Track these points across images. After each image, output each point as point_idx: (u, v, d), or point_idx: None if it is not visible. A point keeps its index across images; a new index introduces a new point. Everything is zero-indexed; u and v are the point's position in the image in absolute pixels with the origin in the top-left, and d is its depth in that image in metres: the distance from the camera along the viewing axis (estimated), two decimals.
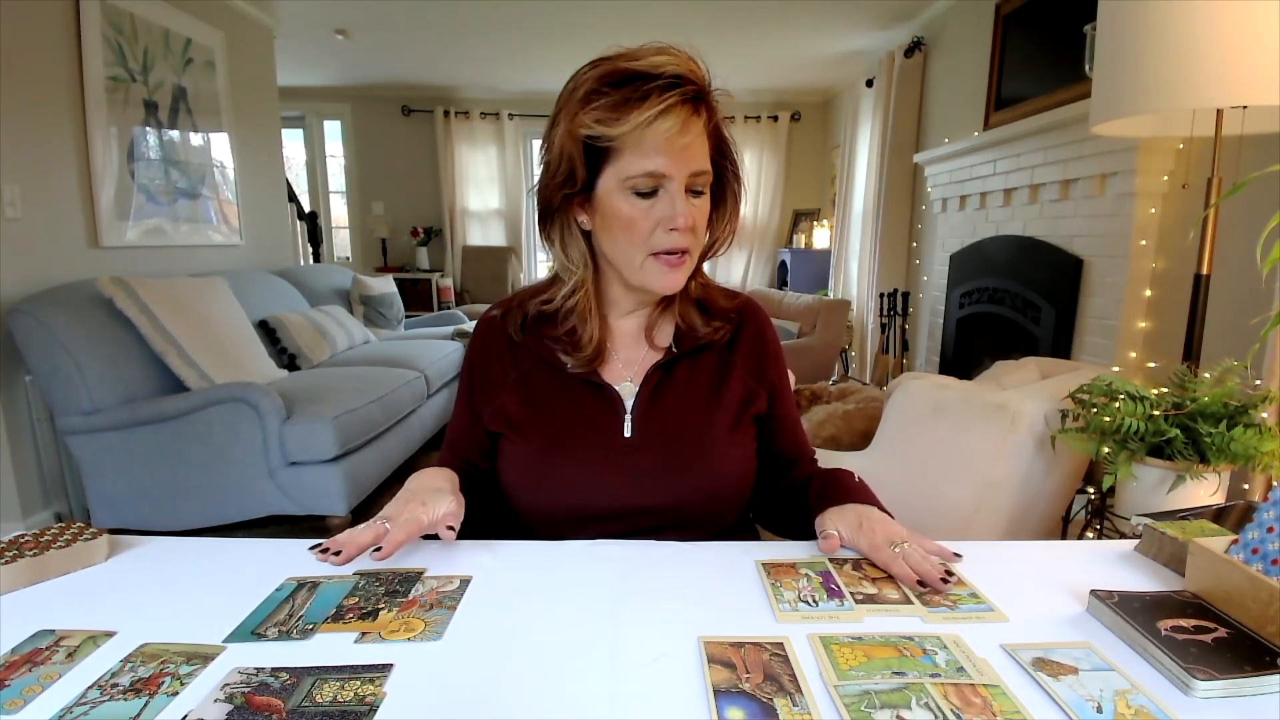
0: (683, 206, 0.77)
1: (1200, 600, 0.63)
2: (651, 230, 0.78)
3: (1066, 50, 2.64)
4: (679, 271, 0.81)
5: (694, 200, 0.79)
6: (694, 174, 0.78)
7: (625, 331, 0.91)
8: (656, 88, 0.73)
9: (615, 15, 3.97)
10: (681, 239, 0.79)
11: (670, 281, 0.81)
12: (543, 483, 0.84)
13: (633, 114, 0.72)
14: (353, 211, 6.34)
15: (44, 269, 2.45)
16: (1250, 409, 1.34)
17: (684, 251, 0.80)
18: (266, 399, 2.26)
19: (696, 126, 0.76)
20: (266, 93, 3.99)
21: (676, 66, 0.74)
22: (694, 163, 0.77)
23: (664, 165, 0.75)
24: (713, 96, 0.79)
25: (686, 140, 0.75)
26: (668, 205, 0.77)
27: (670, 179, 0.76)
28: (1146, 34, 1.35)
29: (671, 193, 0.77)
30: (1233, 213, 1.80)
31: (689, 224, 0.78)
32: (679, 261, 0.80)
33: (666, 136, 0.73)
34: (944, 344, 3.64)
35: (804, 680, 0.53)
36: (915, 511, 1.68)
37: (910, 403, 1.77)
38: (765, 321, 0.94)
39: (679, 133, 0.74)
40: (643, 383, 0.87)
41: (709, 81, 0.78)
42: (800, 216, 6.25)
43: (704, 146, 0.79)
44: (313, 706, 0.50)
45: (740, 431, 0.88)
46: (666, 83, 0.73)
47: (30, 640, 0.59)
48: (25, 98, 2.39)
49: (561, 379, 0.87)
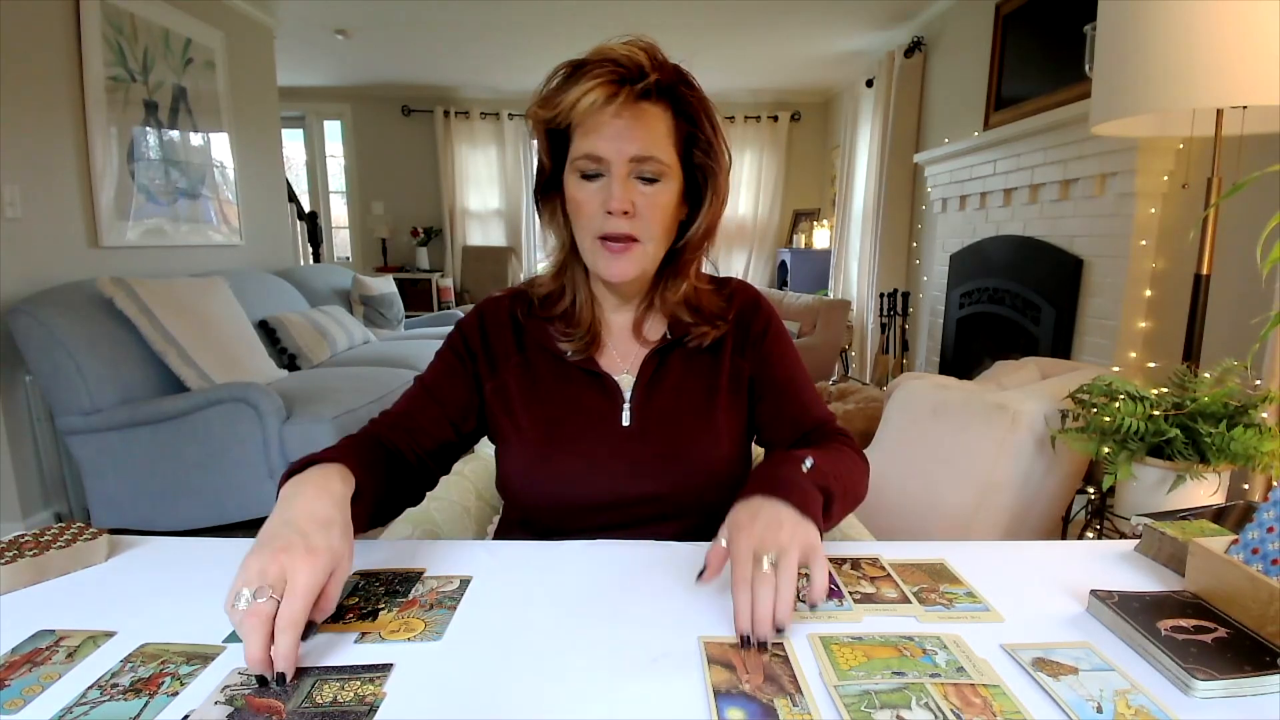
0: (619, 190, 0.77)
1: (1200, 600, 0.63)
2: (595, 214, 0.78)
3: (1066, 50, 2.64)
4: (623, 259, 0.80)
5: (643, 187, 0.78)
6: (635, 159, 0.77)
7: (618, 325, 0.91)
8: (589, 69, 0.74)
9: (615, 15, 3.97)
10: (619, 224, 0.78)
11: (614, 269, 0.80)
12: (543, 472, 0.84)
13: (564, 94, 0.74)
14: (353, 211, 6.34)
15: (44, 269, 2.45)
16: (1250, 409, 1.34)
17: (627, 238, 0.79)
18: (266, 399, 2.26)
19: (640, 110, 0.76)
20: (266, 93, 3.99)
21: (616, 52, 0.75)
22: (635, 147, 0.76)
23: (601, 147, 0.76)
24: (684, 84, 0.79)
25: (623, 121, 0.75)
26: (607, 188, 0.77)
27: (609, 162, 0.77)
28: (1146, 34, 1.35)
29: (612, 176, 0.77)
30: (1233, 213, 1.80)
31: (623, 207, 0.77)
32: (621, 249, 0.79)
33: (596, 112, 0.75)
34: (944, 344, 3.64)
35: (804, 681, 0.53)
36: (915, 511, 1.69)
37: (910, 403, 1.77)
38: (756, 294, 0.93)
39: (603, 109, 0.74)
40: (639, 372, 0.87)
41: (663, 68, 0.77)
42: (800, 216, 6.25)
43: (655, 133, 0.77)
44: (313, 707, 0.50)
45: (735, 411, 0.88)
46: (598, 63, 0.75)
47: (30, 640, 0.59)
48: (25, 98, 2.39)
49: (562, 368, 0.87)
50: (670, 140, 0.79)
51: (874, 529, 0.99)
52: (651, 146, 0.77)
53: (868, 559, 0.75)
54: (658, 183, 0.79)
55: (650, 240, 0.80)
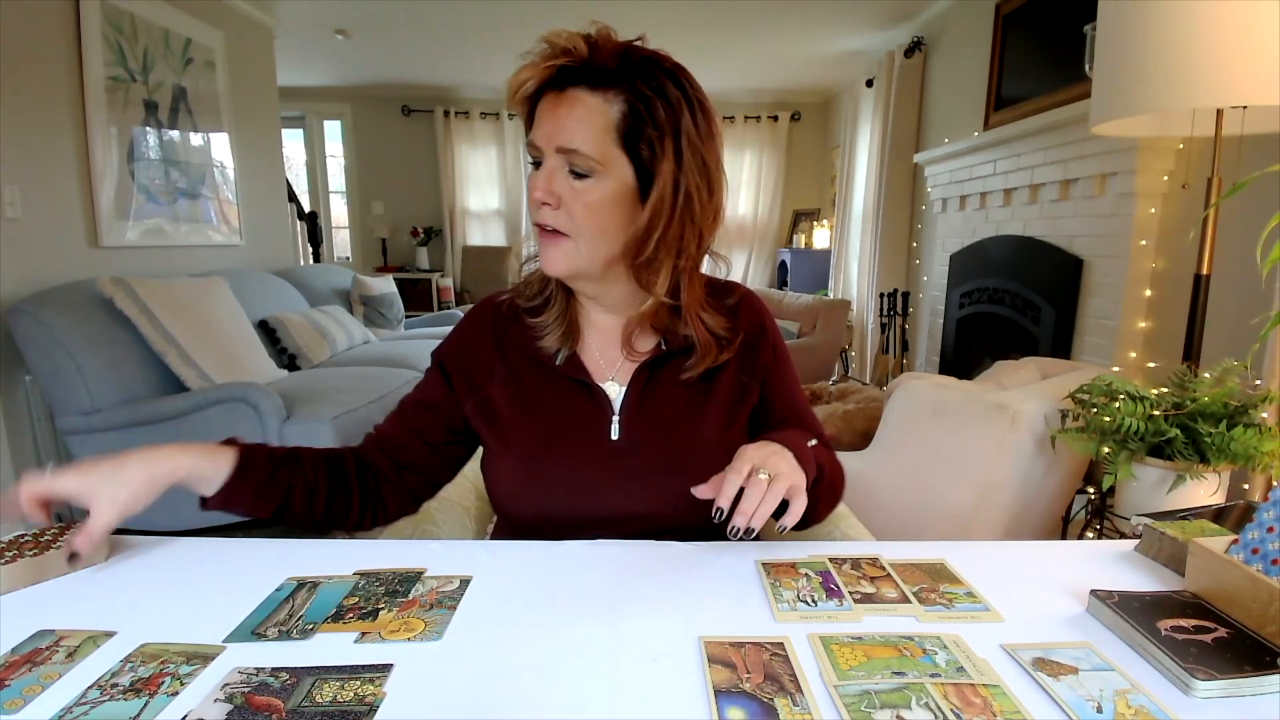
0: (541, 180, 0.75)
1: (1200, 600, 0.63)
2: (532, 202, 0.78)
3: (1066, 50, 2.64)
4: (551, 250, 0.77)
5: (573, 180, 0.75)
6: (561, 149, 0.74)
7: (602, 326, 0.87)
8: (531, 55, 0.75)
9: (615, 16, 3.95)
10: (542, 214, 0.76)
11: (544, 260, 0.79)
12: (530, 489, 0.82)
13: (512, 80, 0.75)
14: (353, 211, 6.34)
15: (44, 269, 2.45)
16: (1250, 409, 1.35)
17: (554, 231, 0.76)
18: (266, 399, 2.25)
19: (574, 100, 0.74)
20: (266, 93, 3.99)
21: (556, 36, 0.75)
22: (560, 138, 0.73)
23: (535, 135, 0.76)
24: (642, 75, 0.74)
25: (555, 111, 0.74)
26: (536, 176, 0.77)
27: (541, 151, 0.76)
28: (1146, 34, 1.35)
29: (544, 166, 0.76)
30: (1233, 213, 1.80)
31: (542, 198, 0.75)
32: (549, 239, 0.77)
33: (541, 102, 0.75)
34: (944, 344, 3.64)
35: (804, 680, 0.53)
36: (915, 511, 1.69)
37: (910, 403, 1.77)
38: (762, 311, 0.90)
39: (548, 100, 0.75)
40: (630, 383, 0.85)
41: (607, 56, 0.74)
42: (800, 216, 6.25)
43: (586, 125, 0.73)
44: (313, 706, 0.50)
45: (734, 432, 0.86)
46: (540, 50, 0.75)
47: (30, 640, 0.59)
48: (25, 98, 2.39)
49: (549, 376, 0.85)
50: (610, 134, 0.74)
51: (874, 529, 1.00)
52: (578, 139, 0.73)
53: (868, 559, 0.75)
54: (587, 178, 0.75)
55: (580, 237, 0.76)
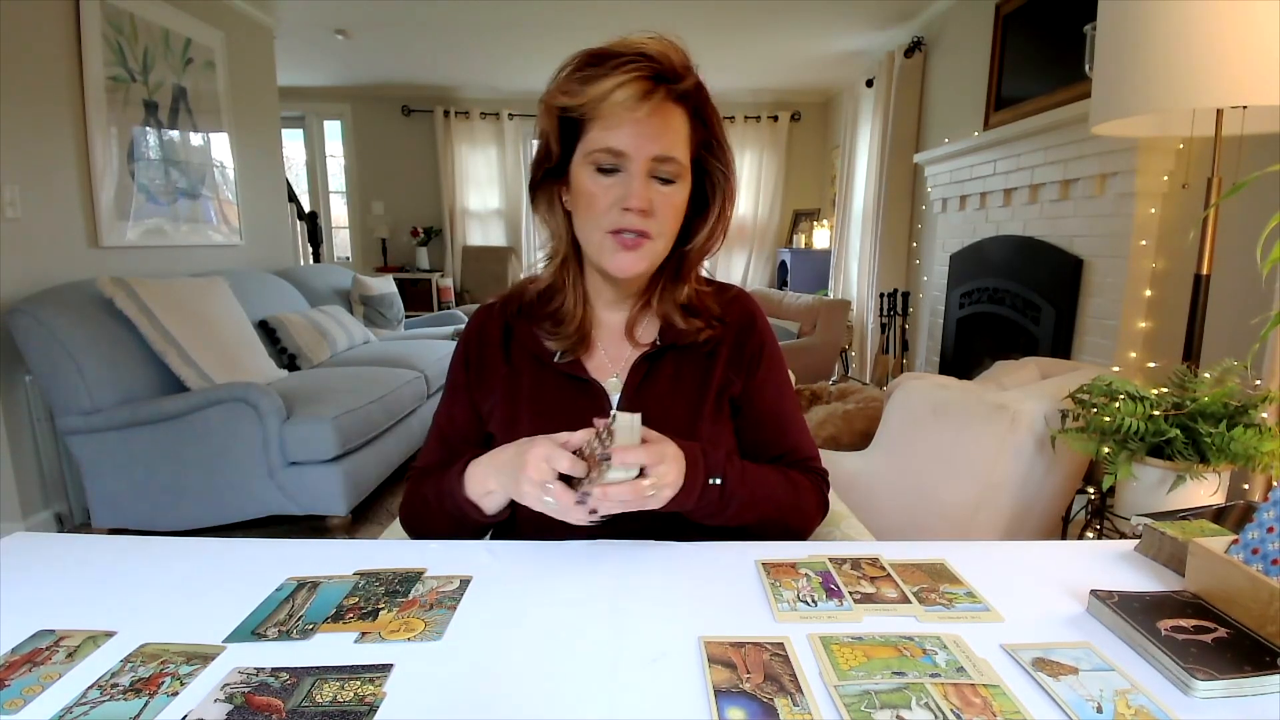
0: (639, 187, 0.77)
1: (1200, 600, 0.63)
2: (609, 208, 0.78)
3: (1066, 50, 2.64)
4: (634, 254, 0.79)
5: (660, 187, 0.78)
6: (656, 159, 0.76)
7: (610, 325, 0.90)
8: (623, 62, 0.74)
9: (615, 15, 3.97)
10: (635, 220, 0.78)
11: (621, 263, 0.80)
12: None
13: (594, 84, 0.74)
14: (353, 211, 6.34)
15: (44, 269, 2.45)
16: (1250, 409, 1.35)
17: (640, 234, 0.79)
18: (266, 399, 2.26)
19: (666, 111, 0.76)
20: (266, 93, 3.99)
21: (647, 46, 0.75)
22: (657, 146, 0.76)
23: (624, 143, 0.76)
24: (702, 91, 0.79)
25: (649, 119, 0.75)
26: (625, 184, 0.77)
27: (630, 159, 0.76)
28: (1146, 34, 1.35)
29: (630, 173, 0.77)
30: (1233, 213, 1.80)
31: (643, 205, 0.77)
32: (634, 243, 0.79)
33: (626, 109, 0.74)
34: (944, 344, 3.64)
35: (804, 680, 0.53)
36: (915, 511, 1.69)
37: (910, 403, 1.77)
38: (755, 310, 0.93)
39: (636, 107, 0.74)
40: (628, 377, 0.86)
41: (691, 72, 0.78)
42: (800, 216, 6.25)
43: (677, 135, 0.78)
44: (313, 706, 0.50)
45: (720, 422, 0.88)
46: (632, 58, 0.74)
47: (30, 640, 0.59)
48: (25, 98, 2.39)
49: (546, 374, 0.87)
50: (687, 143, 0.79)
51: (874, 529, 1.00)
52: (673, 147, 0.77)
53: (868, 559, 0.75)
54: (674, 184, 0.79)
55: (660, 239, 0.81)
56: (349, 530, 2.47)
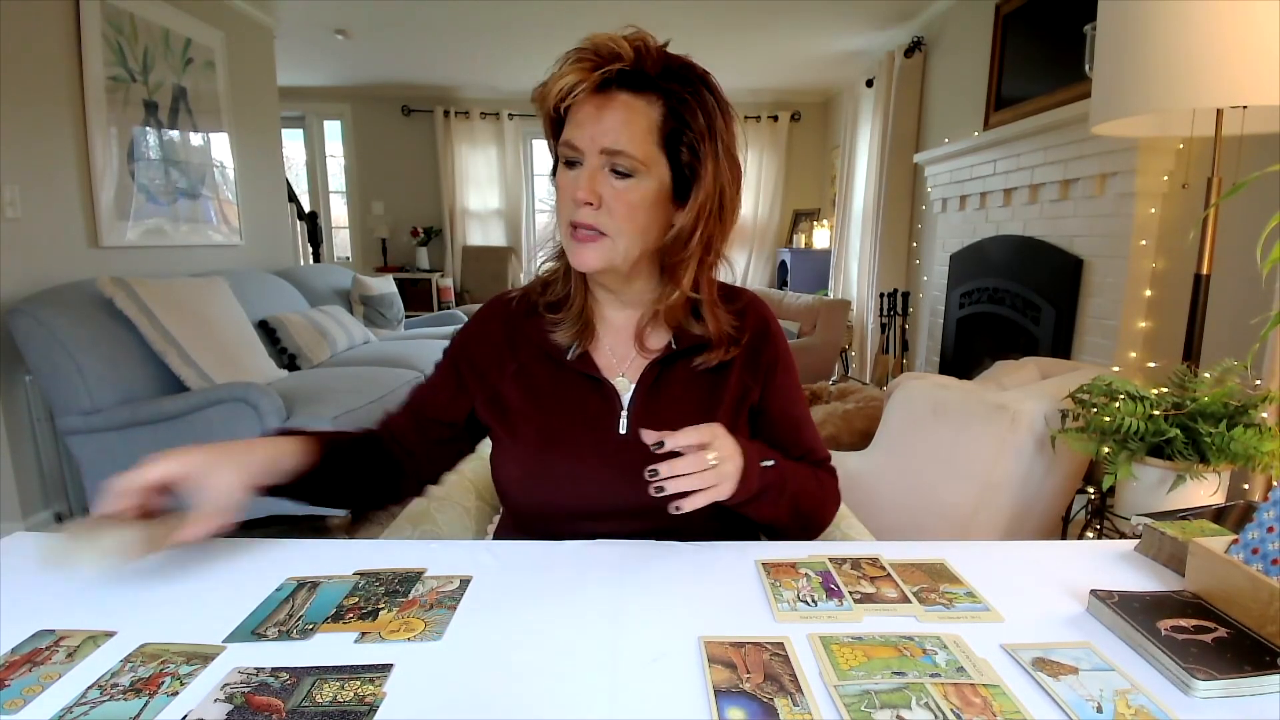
0: (585, 180, 0.76)
1: (1200, 600, 0.63)
2: (568, 201, 0.79)
3: (1066, 50, 2.64)
4: (587, 249, 0.79)
5: (614, 181, 0.77)
6: (606, 151, 0.76)
7: (615, 323, 0.90)
8: (573, 56, 0.76)
9: (615, 15, 3.96)
10: (583, 214, 0.77)
11: (578, 258, 0.80)
12: (537, 479, 0.84)
13: (552, 81, 0.76)
14: (353, 211, 6.34)
15: (44, 269, 2.45)
16: (1250, 409, 1.34)
17: (590, 228, 0.78)
18: (266, 399, 2.25)
19: (618, 102, 0.76)
20: (266, 93, 3.99)
21: (598, 39, 0.76)
22: (607, 139, 0.75)
23: (575, 135, 0.77)
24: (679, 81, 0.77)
25: (600, 112, 0.75)
26: (580, 176, 0.78)
27: (582, 152, 0.77)
28: (1146, 34, 1.35)
29: (584, 166, 0.78)
30: (1233, 213, 1.80)
31: (586, 197, 0.76)
32: (584, 238, 0.79)
33: (579, 103, 0.76)
34: (944, 344, 3.64)
35: (804, 680, 0.53)
36: (915, 511, 1.69)
37: (910, 403, 1.77)
38: (768, 316, 0.93)
39: (592, 103, 0.75)
40: (640, 379, 0.87)
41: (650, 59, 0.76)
42: (800, 216, 6.25)
43: (634, 128, 0.76)
44: (313, 706, 0.50)
45: (739, 430, 0.87)
46: (578, 51, 0.76)
47: (30, 640, 0.59)
48: (25, 98, 2.39)
49: (559, 372, 0.87)
50: (652, 135, 0.77)
51: (874, 529, 1.00)
52: (623, 140, 0.75)
53: (868, 559, 0.75)
54: (630, 178, 0.77)
55: (619, 235, 0.78)
56: (349, 530, 2.47)
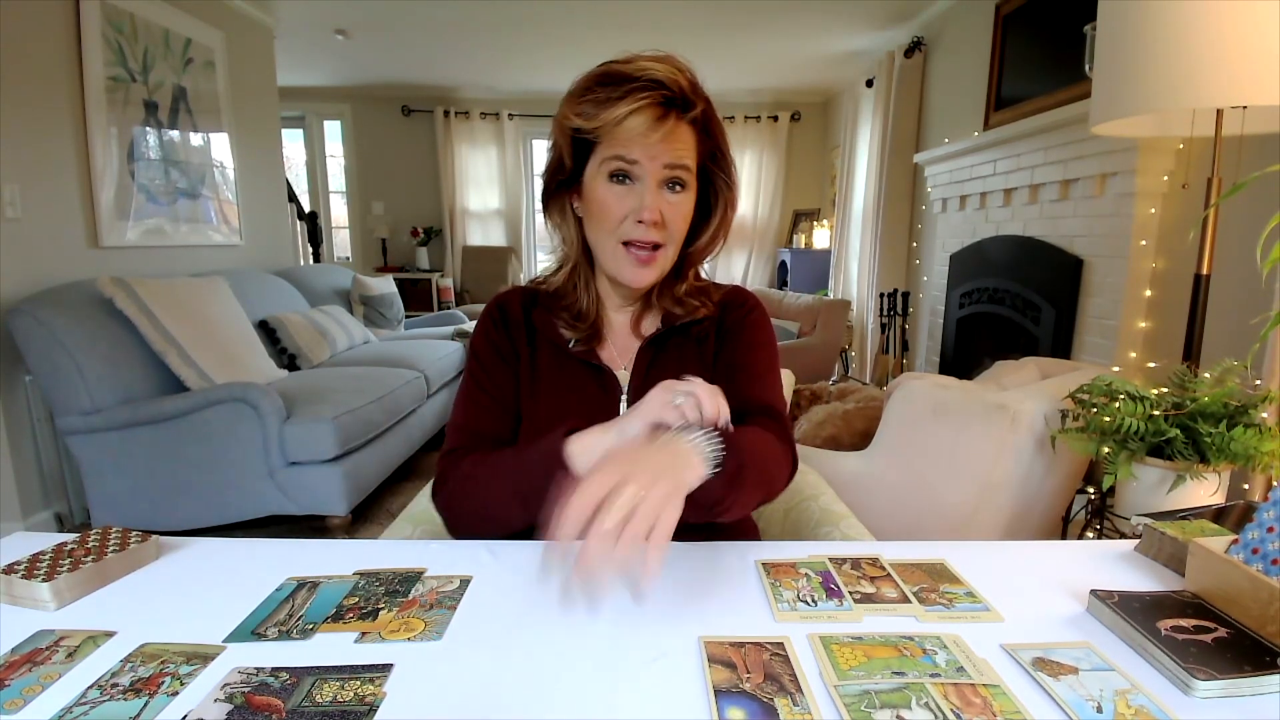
0: (651, 200, 0.79)
1: (1200, 600, 0.63)
2: (622, 218, 0.81)
3: (1066, 50, 2.64)
4: (649, 269, 0.83)
5: (669, 195, 0.81)
6: (668, 165, 0.79)
7: (619, 324, 0.94)
8: (635, 88, 0.76)
9: (615, 15, 3.97)
10: (649, 232, 0.80)
11: (638, 276, 0.83)
12: None
13: (607, 108, 0.76)
14: (353, 211, 6.34)
15: (44, 269, 2.45)
16: (1250, 409, 1.34)
17: (655, 246, 0.82)
18: (266, 399, 2.25)
19: (674, 124, 0.78)
20: (266, 93, 3.99)
21: (658, 71, 0.77)
22: (669, 154, 0.79)
23: (637, 154, 0.78)
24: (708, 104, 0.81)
25: (658, 136, 0.77)
26: (639, 196, 0.80)
27: (642, 166, 0.79)
28: (1146, 34, 1.35)
29: (644, 183, 0.79)
30: (1233, 213, 1.80)
31: (655, 218, 0.79)
32: (648, 258, 0.82)
33: (639, 132, 0.77)
34: (944, 344, 3.64)
35: (804, 680, 0.53)
36: (915, 511, 1.69)
37: (910, 403, 1.77)
38: (748, 293, 0.96)
39: (649, 129, 0.77)
40: (635, 364, 0.90)
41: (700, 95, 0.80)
42: (800, 216, 6.25)
43: (685, 142, 0.80)
44: (313, 706, 0.50)
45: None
46: (644, 84, 0.76)
47: (30, 640, 0.59)
48: (25, 98, 2.39)
49: (564, 361, 0.90)
50: (695, 153, 0.82)
51: (874, 529, 1.00)
52: (684, 154, 0.80)
53: (868, 559, 0.75)
54: (683, 191, 0.81)
55: (670, 245, 0.83)
56: (349, 530, 2.47)
